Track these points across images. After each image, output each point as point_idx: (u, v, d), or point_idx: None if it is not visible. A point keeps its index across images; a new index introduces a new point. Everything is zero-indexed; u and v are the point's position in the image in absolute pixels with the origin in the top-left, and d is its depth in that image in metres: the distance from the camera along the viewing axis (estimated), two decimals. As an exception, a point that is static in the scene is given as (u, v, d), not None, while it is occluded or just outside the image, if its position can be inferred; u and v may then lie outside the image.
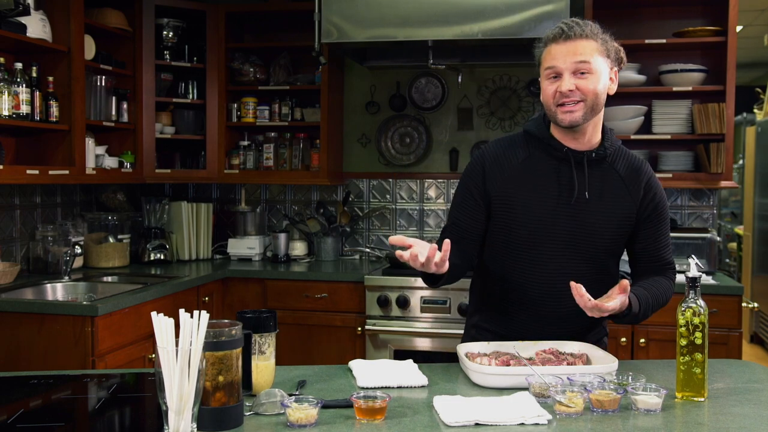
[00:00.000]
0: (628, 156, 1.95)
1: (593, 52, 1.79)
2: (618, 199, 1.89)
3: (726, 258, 7.59)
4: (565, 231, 1.87)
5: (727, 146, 3.59)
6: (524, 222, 1.87)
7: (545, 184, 1.88)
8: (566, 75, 1.79)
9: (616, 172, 1.90)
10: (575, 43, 1.79)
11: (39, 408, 1.63)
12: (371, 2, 3.36)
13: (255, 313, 1.64)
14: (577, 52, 1.78)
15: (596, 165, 1.89)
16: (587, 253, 1.89)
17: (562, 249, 1.88)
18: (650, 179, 1.93)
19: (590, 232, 1.87)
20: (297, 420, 1.43)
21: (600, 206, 1.88)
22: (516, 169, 1.90)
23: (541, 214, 1.87)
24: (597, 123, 1.89)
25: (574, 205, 1.86)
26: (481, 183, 1.92)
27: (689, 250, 3.62)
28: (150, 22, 3.90)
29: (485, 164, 1.93)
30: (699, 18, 3.85)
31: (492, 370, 1.70)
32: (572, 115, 1.81)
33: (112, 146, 3.83)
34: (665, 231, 1.96)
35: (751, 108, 7.14)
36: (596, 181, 1.88)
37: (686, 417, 1.52)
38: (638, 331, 3.37)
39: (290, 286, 3.70)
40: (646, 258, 1.97)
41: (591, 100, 1.80)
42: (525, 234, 1.88)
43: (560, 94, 1.80)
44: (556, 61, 1.81)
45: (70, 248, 3.44)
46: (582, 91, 1.79)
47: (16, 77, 3.06)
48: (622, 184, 1.90)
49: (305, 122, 4.12)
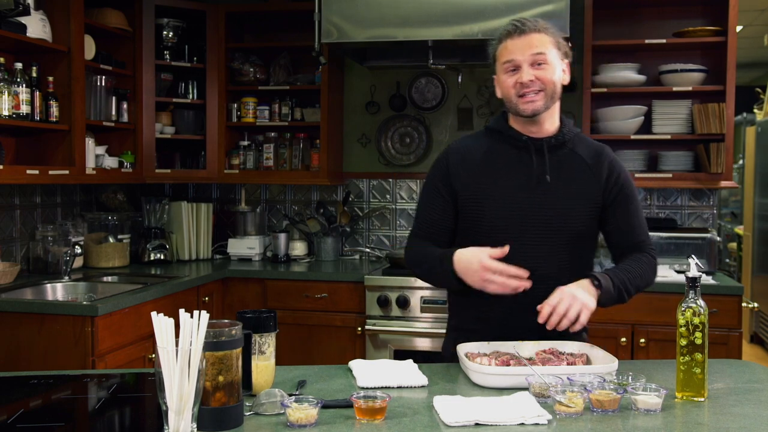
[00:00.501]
0: (588, 141, 2.03)
1: (547, 45, 1.90)
2: (583, 181, 1.95)
3: (726, 258, 7.59)
4: (534, 215, 1.92)
5: (727, 146, 3.59)
6: (491, 210, 1.93)
7: (508, 172, 1.94)
8: (525, 66, 1.88)
9: (578, 155, 1.97)
10: (530, 37, 1.89)
11: (39, 408, 1.63)
12: (371, 2, 3.36)
13: (255, 313, 1.64)
14: (533, 45, 1.88)
15: (557, 150, 1.96)
16: (559, 237, 1.92)
17: (533, 234, 1.92)
18: (613, 160, 2.00)
19: (559, 214, 1.92)
20: (297, 420, 1.43)
21: (566, 189, 1.93)
22: (479, 162, 1.97)
23: (507, 202, 1.92)
24: (554, 112, 1.98)
25: (539, 189, 1.92)
26: (447, 180, 1.98)
27: (689, 250, 3.62)
28: (150, 22, 3.90)
29: (449, 161, 2.00)
30: (699, 18, 3.85)
31: (492, 370, 1.70)
32: (534, 104, 1.89)
33: (112, 146, 3.83)
34: (636, 211, 2.00)
35: (751, 108, 7.14)
36: (559, 166, 1.95)
37: (686, 417, 1.52)
38: (638, 331, 3.37)
39: (290, 286, 3.70)
40: (621, 239, 2.00)
41: (550, 89, 1.90)
42: (493, 222, 1.93)
43: (521, 85, 1.88)
44: (513, 54, 1.89)
45: (70, 248, 3.44)
46: (542, 81, 1.89)
47: (16, 77, 3.06)
48: (586, 167, 1.96)
49: (305, 122, 4.12)
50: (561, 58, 1.94)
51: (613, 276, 1.91)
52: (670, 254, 3.69)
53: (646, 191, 4.03)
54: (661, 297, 3.33)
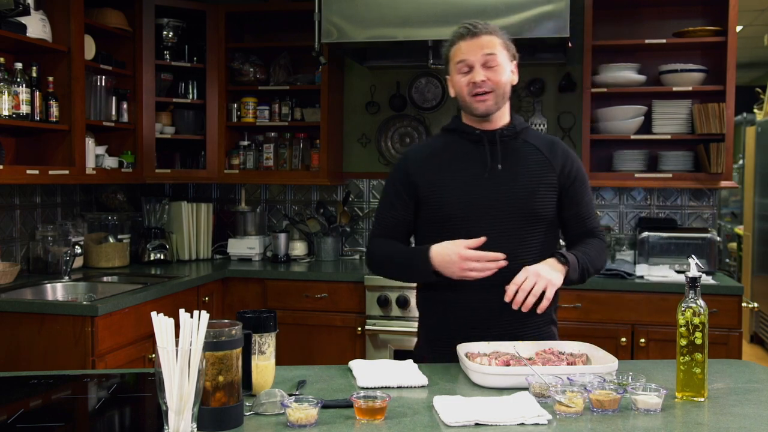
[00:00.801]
0: (539, 133, 2.13)
1: (497, 46, 1.97)
2: (538, 167, 2.02)
3: (726, 258, 7.59)
4: (489, 202, 1.98)
5: (727, 146, 3.59)
6: (451, 201, 1.99)
7: (464, 164, 2.03)
8: (477, 67, 1.96)
9: (532, 144, 2.05)
10: (481, 39, 1.96)
11: (39, 408, 1.63)
12: (371, 2, 3.36)
13: (255, 313, 1.64)
14: (485, 46, 1.96)
15: (510, 141, 2.04)
16: (517, 222, 1.98)
17: (492, 219, 1.98)
18: (566, 149, 2.08)
19: (515, 198, 1.98)
20: (297, 420, 1.43)
21: (521, 175, 2.00)
22: (436, 158, 2.06)
23: (465, 191, 1.99)
24: (506, 109, 2.06)
25: (495, 177, 1.99)
26: (407, 180, 2.06)
27: (689, 250, 3.62)
28: (150, 22, 3.90)
29: (408, 162, 2.09)
30: (699, 18, 3.85)
31: (492, 370, 1.70)
32: (485, 103, 1.97)
33: (112, 146, 3.83)
34: (590, 197, 2.10)
35: (751, 108, 7.14)
36: (513, 154, 2.03)
37: (686, 417, 1.52)
38: (638, 331, 3.37)
39: (290, 286, 3.70)
40: (578, 225, 2.09)
41: (500, 90, 1.98)
42: (454, 212, 1.99)
43: (473, 85, 1.96)
44: (466, 55, 1.96)
45: (70, 248, 3.44)
46: (492, 82, 1.96)
47: (16, 77, 3.06)
48: (541, 155, 2.04)
49: (305, 122, 4.12)
50: (509, 59, 2.01)
51: (576, 254, 1.99)
52: (670, 254, 3.70)
53: (646, 191, 4.03)
54: (661, 297, 3.34)
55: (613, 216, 4.06)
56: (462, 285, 1.96)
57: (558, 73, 4.07)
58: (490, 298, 1.95)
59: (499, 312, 1.95)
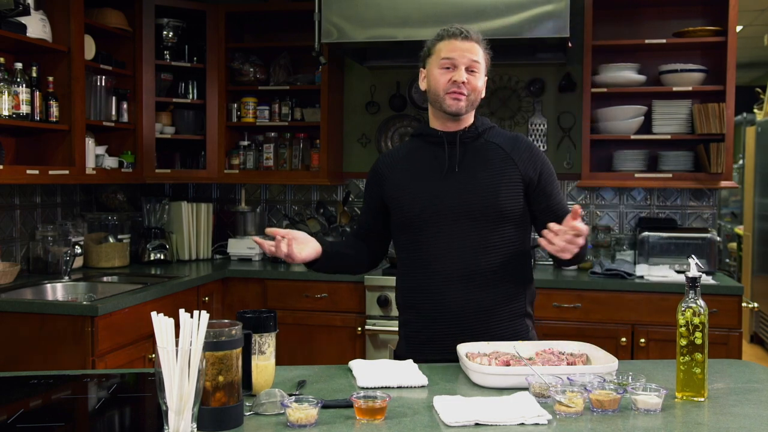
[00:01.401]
0: (503, 131, 2.15)
1: (481, 56, 2.04)
2: (502, 164, 2.05)
3: (726, 258, 7.59)
4: (452, 201, 2.02)
5: (727, 146, 3.59)
6: (412, 201, 2.05)
7: (424, 166, 2.08)
8: (462, 68, 2.00)
9: (495, 144, 2.08)
10: (471, 44, 2.02)
11: (39, 408, 1.63)
12: (371, 2, 3.36)
13: (255, 313, 1.64)
14: (473, 52, 2.02)
15: (472, 142, 2.08)
16: (483, 219, 2.01)
17: (456, 218, 2.01)
18: (529, 144, 2.11)
19: (476, 198, 2.01)
20: (297, 420, 1.43)
21: (483, 175, 2.03)
22: (401, 162, 2.13)
23: (425, 191, 2.04)
24: (472, 115, 2.12)
25: (452, 178, 2.03)
26: (377, 185, 2.15)
27: (689, 250, 3.63)
28: (150, 22, 3.90)
29: (377, 168, 2.17)
30: (699, 18, 3.85)
31: (492, 370, 1.70)
32: (458, 104, 2.01)
33: (112, 146, 3.83)
34: (559, 190, 2.13)
35: (751, 108, 7.14)
36: (474, 154, 2.06)
37: (686, 417, 1.52)
38: (638, 331, 3.37)
39: (290, 286, 3.70)
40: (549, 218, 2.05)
41: (475, 95, 2.03)
42: (416, 212, 2.04)
43: (454, 83, 2.00)
44: (454, 53, 2.00)
45: (70, 248, 3.44)
46: (471, 86, 2.01)
47: (16, 77, 3.06)
48: (504, 153, 2.06)
49: (305, 122, 4.12)
50: (485, 72, 2.07)
51: None
52: (670, 254, 3.70)
53: (646, 191, 4.03)
54: (661, 297, 3.34)
55: (613, 216, 4.06)
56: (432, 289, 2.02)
57: (558, 73, 4.07)
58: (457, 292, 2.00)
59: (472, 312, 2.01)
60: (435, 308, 2.04)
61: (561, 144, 4.08)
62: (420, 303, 2.07)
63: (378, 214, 2.16)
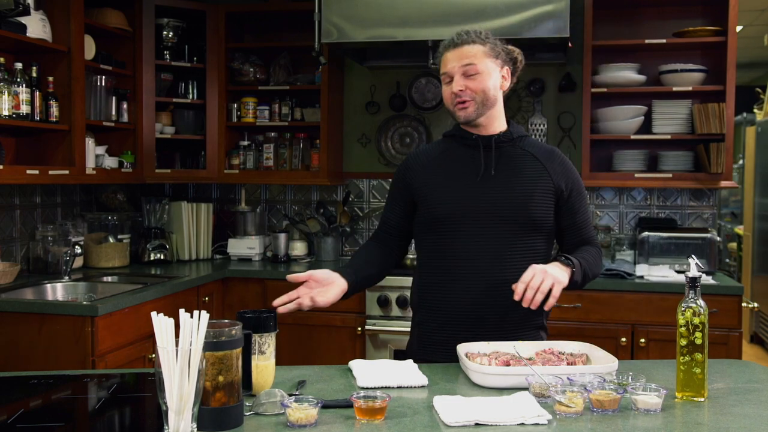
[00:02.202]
0: (539, 142, 2.14)
1: (479, 55, 1.99)
2: (536, 176, 2.04)
3: (726, 258, 7.59)
4: (483, 206, 2.00)
5: (727, 146, 3.59)
6: (443, 200, 2.03)
7: (459, 167, 2.06)
8: (456, 77, 2.00)
9: (529, 153, 2.07)
10: (462, 49, 2.00)
11: (39, 408, 1.63)
12: (371, 2, 3.36)
13: (255, 313, 1.64)
14: (464, 56, 1.99)
15: (508, 147, 2.07)
16: (510, 229, 2.00)
17: (484, 225, 2.00)
18: (565, 160, 2.10)
19: (509, 205, 2.00)
20: (297, 420, 1.43)
21: (516, 181, 2.02)
22: (434, 161, 2.10)
23: (458, 194, 2.02)
24: (498, 114, 2.08)
25: (488, 182, 2.02)
26: (405, 182, 2.12)
27: (689, 250, 3.63)
28: (150, 22, 3.90)
29: (408, 164, 2.14)
30: (699, 18, 3.85)
31: (492, 370, 1.70)
32: (465, 111, 2.01)
33: (112, 146, 3.83)
34: (587, 208, 2.14)
35: (751, 108, 7.14)
36: (509, 161, 2.05)
37: (686, 417, 1.52)
38: (638, 331, 3.37)
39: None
40: (575, 235, 2.10)
41: (480, 97, 2.00)
42: (445, 216, 2.02)
43: (454, 95, 2.00)
44: (448, 66, 2.01)
45: (70, 248, 3.44)
46: (471, 90, 1.99)
47: (16, 77, 3.06)
48: (539, 163, 2.05)
49: (305, 122, 4.12)
50: (500, 65, 2.03)
51: (578, 258, 1.99)
52: (670, 254, 3.70)
53: (646, 191, 4.03)
54: (661, 297, 3.34)
55: (613, 216, 4.06)
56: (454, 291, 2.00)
57: (558, 73, 4.07)
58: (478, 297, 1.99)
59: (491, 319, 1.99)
60: (453, 311, 2.02)
61: (561, 144, 4.08)
62: (438, 304, 2.05)
63: (405, 211, 2.13)
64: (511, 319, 2.00)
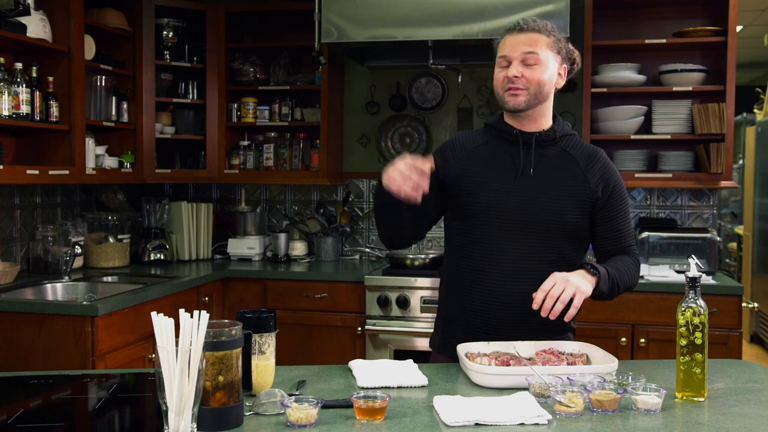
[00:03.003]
0: (582, 143, 2.06)
1: (542, 45, 1.93)
2: (574, 180, 1.97)
3: (726, 258, 7.58)
4: (517, 206, 1.94)
5: (727, 146, 3.59)
6: (478, 197, 1.97)
7: (497, 163, 1.99)
8: (515, 63, 1.93)
9: (569, 155, 2.00)
10: (526, 35, 1.94)
11: (39, 408, 1.63)
12: (371, 2, 3.36)
13: (255, 313, 1.64)
14: (527, 43, 1.93)
15: (549, 147, 2.00)
16: (543, 232, 1.94)
17: (516, 225, 1.94)
18: (606, 163, 2.03)
19: (543, 208, 1.94)
20: (297, 420, 1.43)
21: (554, 184, 1.96)
22: (472, 152, 2.03)
23: (493, 190, 1.96)
24: (546, 111, 2.01)
25: (525, 181, 1.96)
26: (441, 162, 2.03)
27: (689, 250, 3.63)
28: (150, 22, 3.90)
29: (446, 150, 2.07)
30: (699, 18, 3.85)
31: (492, 370, 1.70)
32: (516, 99, 1.94)
33: (112, 146, 3.83)
34: (626, 215, 2.03)
35: (751, 108, 7.14)
36: (549, 161, 1.98)
37: (686, 417, 1.52)
38: (638, 331, 3.37)
39: (290, 286, 3.70)
40: (610, 242, 2.02)
41: (534, 88, 1.93)
42: (479, 209, 1.96)
43: (507, 79, 1.94)
44: (507, 50, 1.95)
45: (70, 248, 3.44)
46: (527, 79, 1.92)
47: (16, 77, 3.06)
48: (578, 167, 1.99)
49: (305, 122, 4.12)
50: (559, 61, 1.97)
51: (606, 267, 1.92)
52: (670, 254, 3.70)
53: (646, 191, 4.03)
54: (661, 297, 3.34)
55: (613, 216, 4.05)
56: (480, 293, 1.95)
57: (558, 73, 4.06)
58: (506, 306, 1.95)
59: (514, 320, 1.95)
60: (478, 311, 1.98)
61: (561, 144, 4.08)
62: (464, 302, 2.00)
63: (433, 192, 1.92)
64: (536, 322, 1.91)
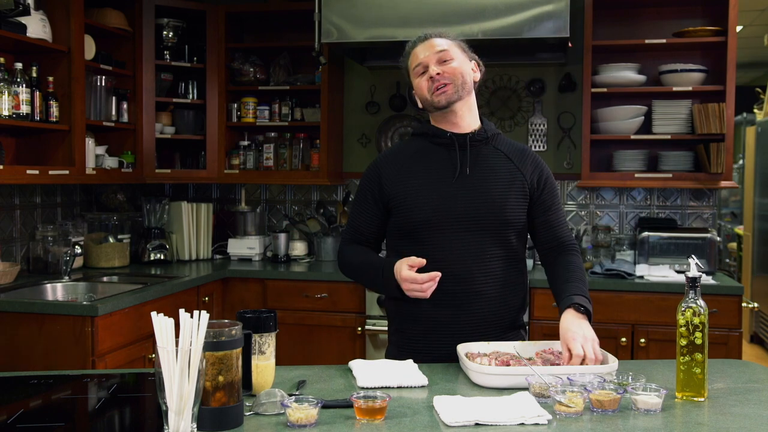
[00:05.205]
0: (509, 140, 2.12)
1: (449, 44, 2.01)
2: (510, 175, 2.03)
3: (726, 258, 7.58)
4: (461, 207, 1.98)
5: (727, 146, 3.59)
6: (421, 205, 1.99)
7: (434, 167, 2.02)
8: (432, 64, 1.99)
9: (501, 152, 2.06)
10: (431, 41, 2.01)
11: (39, 408, 1.63)
12: (371, 2, 3.36)
13: (255, 313, 1.64)
14: (436, 45, 2.00)
15: (481, 146, 2.05)
16: (489, 228, 1.99)
17: (463, 226, 1.98)
18: (536, 157, 2.10)
19: (486, 205, 1.98)
20: (297, 420, 1.43)
21: (491, 180, 2.01)
22: (408, 162, 2.05)
23: (435, 195, 1.99)
24: (472, 105, 2.07)
25: (464, 182, 1.99)
26: (378, 186, 2.05)
27: (689, 250, 3.63)
28: (150, 22, 3.90)
29: (380, 167, 2.08)
30: (699, 18, 3.85)
31: (492, 370, 1.70)
32: (445, 94, 1.98)
33: (112, 146, 3.83)
34: (560, 206, 2.12)
35: (751, 108, 7.14)
36: (483, 160, 2.03)
37: (686, 417, 1.52)
38: (638, 331, 3.37)
39: (290, 286, 3.70)
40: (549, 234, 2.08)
41: (459, 80, 1.99)
42: (423, 217, 1.98)
43: (431, 80, 1.98)
44: (420, 57, 2.00)
45: (70, 248, 3.44)
46: (448, 74, 1.98)
47: (16, 77, 3.06)
48: (510, 162, 2.05)
49: (305, 122, 4.12)
50: (467, 58, 2.04)
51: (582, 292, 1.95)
52: (670, 254, 3.70)
53: (646, 191, 4.03)
54: (661, 297, 3.34)
55: (613, 216, 4.06)
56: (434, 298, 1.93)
57: (558, 73, 4.07)
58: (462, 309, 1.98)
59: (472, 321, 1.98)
60: (435, 318, 1.99)
61: (561, 144, 4.08)
62: (418, 312, 2.01)
63: (378, 217, 2.06)
64: (490, 320, 1.99)
